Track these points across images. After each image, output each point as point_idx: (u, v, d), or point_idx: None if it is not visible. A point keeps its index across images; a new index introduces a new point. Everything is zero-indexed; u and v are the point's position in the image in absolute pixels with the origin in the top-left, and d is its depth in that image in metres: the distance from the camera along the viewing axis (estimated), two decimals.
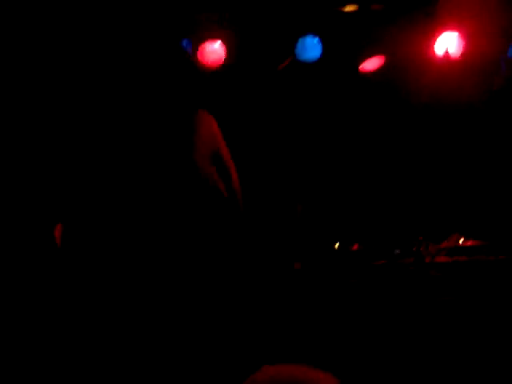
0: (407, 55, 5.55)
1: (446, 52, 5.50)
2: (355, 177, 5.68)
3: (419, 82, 5.54)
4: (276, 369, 1.32)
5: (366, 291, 5.27)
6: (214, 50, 5.60)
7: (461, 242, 5.33)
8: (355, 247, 5.42)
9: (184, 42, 5.54)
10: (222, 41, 5.55)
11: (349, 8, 5.59)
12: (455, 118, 5.66)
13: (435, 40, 5.52)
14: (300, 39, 5.57)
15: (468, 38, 5.44)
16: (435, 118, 5.66)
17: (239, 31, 5.59)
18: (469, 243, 5.27)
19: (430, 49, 5.55)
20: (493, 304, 4.94)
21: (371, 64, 5.65)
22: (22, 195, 4.90)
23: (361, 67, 5.64)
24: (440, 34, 5.50)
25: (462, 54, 5.47)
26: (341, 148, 5.71)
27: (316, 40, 5.57)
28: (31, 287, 4.71)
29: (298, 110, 5.80)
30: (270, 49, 5.60)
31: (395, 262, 5.23)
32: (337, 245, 5.46)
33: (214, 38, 5.56)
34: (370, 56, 5.61)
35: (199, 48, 5.56)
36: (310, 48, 5.59)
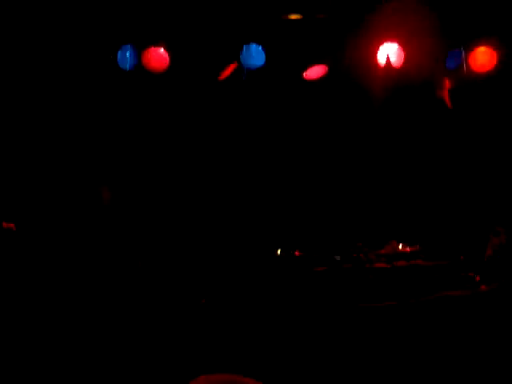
0: (350, 64, 5.62)
1: (388, 61, 5.59)
2: (296, 183, 5.74)
3: (363, 90, 5.62)
4: (213, 377, 1.34)
5: (308, 297, 5.32)
6: (159, 55, 5.60)
7: (400, 247, 5.43)
8: (297, 253, 5.47)
9: (127, 48, 5.53)
10: (166, 46, 5.56)
11: (293, 16, 5.65)
12: (397, 127, 5.77)
13: (377, 49, 5.61)
14: (245, 46, 5.60)
15: (407, 49, 5.54)
16: (376, 126, 5.76)
17: (184, 37, 5.61)
18: (407, 249, 5.37)
19: (373, 58, 5.64)
20: (432, 307, 5.03)
21: (315, 72, 5.72)
22: None
23: (305, 75, 5.69)
24: (381, 43, 5.59)
25: (403, 64, 5.56)
26: (285, 155, 5.76)
27: (260, 47, 5.62)
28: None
29: (241, 116, 5.84)
30: (214, 55, 5.62)
31: (336, 267, 5.28)
32: (279, 251, 5.50)
33: (159, 43, 5.56)
34: (314, 64, 5.67)
35: (143, 53, 5.55)
36: (255, 55, 5.64)
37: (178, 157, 5.63)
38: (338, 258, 5.33)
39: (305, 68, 5.70)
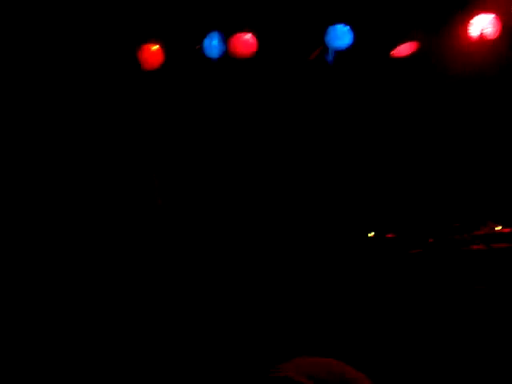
0: (441, 40, 5.43)
1: (481, 34, 5.37)
2: (390, 164, 5.64)
3: (454, 67, 5.43)
4: (310, 360, 1.32)
5: (402, 280, 5.27)
6: (246, 41, 5.62)
7: (497, 229, 5.25)
8: (389, 235, 5.41)
9: (215, 34, 5.57)
10: (252, 32, 5.56)
11: None
12: (490, 103, 5.55)
13: (469, 22, 5.39)
14: (330, 27, 5.53)
15: (503, 19, 5.29)
16: (469, 105, 5.56)
17: (269, 22, 5.59)
18: (505, 230, 5.19)
19: (465, 31, 5.43)
20: None
21: (404, 49, 5.57)
22: None
23: (393, 53, 5.56)
24: (475, 15, 5.37)
25: (498, 36, 5.33)
26: (374, 134, 5.67)
27: (347, 28, 5.53)
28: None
29: (332, 98, 5.79)
30: (300, 38, 5.58)
31: (430, 250, 5.20)
32: (372, 233, 5.45)
33: (245, 29, 5.57)
34: (403, 42, 5.52)
35: (231, 39, 5.59)
36: (341, 36, 5.55)
37: (267, 137, 5.66)
38: (431, 239, 5.23)
39: (394, 47, 5.54)
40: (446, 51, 5.47)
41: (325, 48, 5.60)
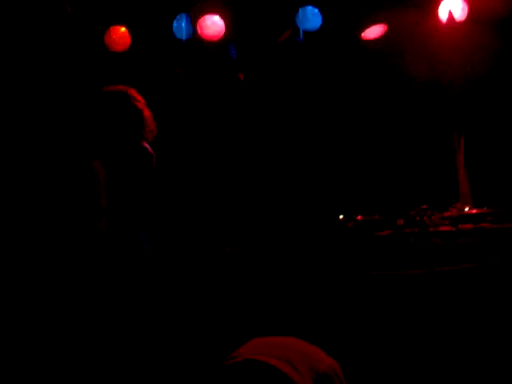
0: (409, 21, 5.45)
1: (450, 16, 5.39)
2: (359, 147, 5.65)
3: (422, 49, 5.45)
4: (269, 340, 1.30)
5: (371, 262, 5.27)
6: (214, 23, 5.60)
7: (466, 209, 5.27)
8: (359, 218, 5.40)
9: (183, 16, 5.54)
10: (221, 14, 5.54)
11: None
12: (459, 86, 5.57)
13: (439, 4, 5.42)
14: (300, 9, 5.52)
15: (471, 3, 5.32)
16: (436, 87, 5.58)
17: (238, 3, 5.58)
18: (473, 211, 5.21)
19: (434, 14, 5.45)
20: (498, 273, 4.89)
21: (373, 32, 5.58)
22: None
23: (362, 35, 5.57)
24: None
25: (466, 18, 5.35)
26: (344, 118, 5.67)
27: (316, 10, 5.53)
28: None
29: (300, 81, 5.77)
30: (269, 20, 5.56)
31: (399, 231, 5.20)
32: (341, 216, 5.45)
33: (213, 11, 5.55)
34: (372, 24, 5.53)
35: (198, 21, 5.56)
36: (311, 17, 5.55)
37: (240, 124, 5.63)
38: (400, 221, 5.23)
39: (363, 28, 5.55)
40: (415, 33, 5.48)
41: (295, 29, 5.58)
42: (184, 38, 5.59)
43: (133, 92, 3.91)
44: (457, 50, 5.44)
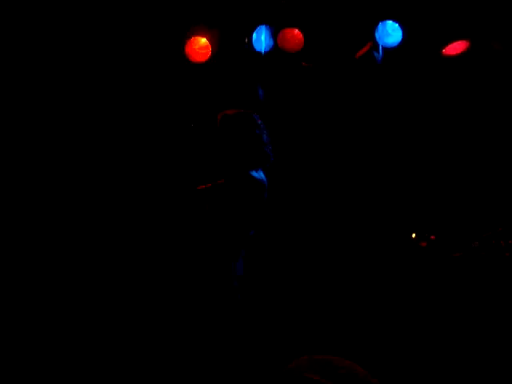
0: (493, 38, 5.34)
1: None
2: (437, 164, 5.58)
3: (504, 66, 5.33)
4: (321, 358, 1.32)
5: (443, 283, 5.22)
6: (293, 36, 5.64)
7: None
8: (432, 237, 5.34)
9: (263, 29, 5.60)
10: (300, 27, 5.58)
11: None
12: None
13: None
14: (380, 24, 5.49)
15: None
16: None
17: (318, 17, 5.60)
18: None
19: None
20: None
21: (455, 48, 5.49)
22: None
23: (444, 51, 5.49)
24: None
25: None
26: (422, 133, 5.61)
27: (396, 25, 5.48)
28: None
29: (378, 96, 5.75)
30: (348, 34, 5.56)
31: (473, 254, 5.11)
32: (414, 235, 5.40)
33: (293, 24, 5.58)
34: (454, 40, 5.45)
35: (279, 34, 5.61)
36: (391, 32, 5.51)
37: (310, 133, 5.68)
38: (476, 243, 5.14)
39: (445, 44, 5.47)
40: (498, 51, 5.36)
41: (374, 45, 5.55)
42: (263, 50, 5.65)
43: (254, 117, 3.80)
44: None
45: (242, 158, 3.72)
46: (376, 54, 5.53)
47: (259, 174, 3.74)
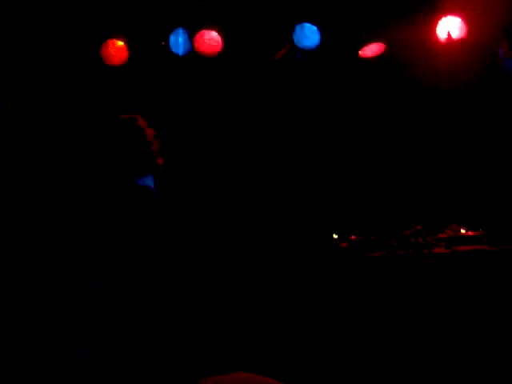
0: (408, 40, 5.44)
1: (449, 36, 5.38)
2: (353, 166, 5.62)
3: (421, 67, 5.43)
4: (227, 378, 1.29)
5: (364, 283, 5.22)
6: (211, 38, 5.60)
7: (462, 232, 5.22)
8: (353, 238, 5.36)
9: (180, 31, 5.55)
10: (218, 29, 5.55)
11: None
12: (456, 104, 5.55)
13: (437, 24, 5.41)
14: (297, 26, 5.52)
15: (469, 22, 5.31)
16: (435, 105, 5.56)
17: (236, 19, 5.59)
18: (469, 233, 5.16)
19: (432, 33, 5.44)
20: (492, 295, 4.83)
21: (371, 50, 5.57)
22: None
23: (361, 53, 5.56)
24: (441, 18, 5.39)
25: (463, 38, 5.35)
26: (340, 137, 5.65)
27: (314, 27, 5.52)
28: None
29: (297, 98, 5.76)
30: (267, 37, 5.57)
31: (393, 252, 5.15)
32: (335, 235, 5.40)
33: (211, 26, 5.55)
34: (370, 42, 5.53)
35: (196, 36, 5.56)
36: (309, 35, 5.55)
37: (233, 140, 5.63)
38: (394, 242, 5.18)
39: (361, 46, 5.54)
40: (414, 52, 5.47)
41: (292, 47, 5.57)
42: (181, 53, 5.59)
43: (142, 122, 3.77)
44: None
45: (122, 165, 3.71)
46: (295, 56, 5.56)
47: (144, 181, 3.72)
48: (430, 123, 5.62)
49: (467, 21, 5.35)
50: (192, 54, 5.65)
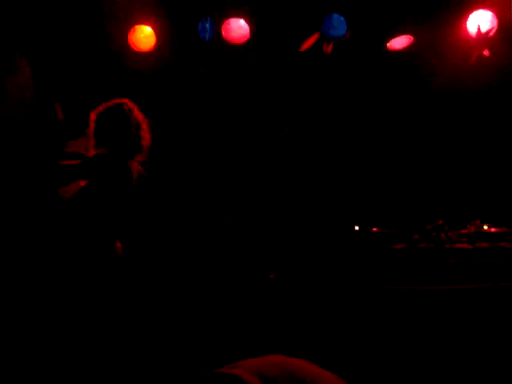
0: (437, 34, 5.41)
1: (479, 30, 5.33)
2: (378, 158, 5.61)
3: (448, 62, 5.40)
4: (263, 359, 1.28)
5: (384, 276, 5.22)
6: (239, 27, 5.61)
7: (485, 228, 5.19)
8: (374, 230, 5.35)
9: (208, 18, 5.56)
10: (246, 18, 5.55)
11: None
12: (482, 100, 5.50)
13: (467, 18, 5.36)
14: (326, 16, 5.51)
15: (500, 17, 5.26)
16: (460, 100, 5.52)
17: (264, 8, 5.58)
18: (492, 230, 5.13)
19: (462, 27, 5.40)
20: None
21: (399, 43, 5.55)
22: None
23: (388, 45, 5.53)
24: (472, 12, 5.34)
25: (495, 33, 5.29)
26: (365, 128, 5.64)
27: (342, 18, 5.51)
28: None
29: (322, 89, 5.76)
30: (295, 26, 5.56)
31: (414, 246, 5.14)
32: (356, 227, 5.41)
33: (239, 14, 5.56)
34: (399, 35, 5.50)
35: (223, 24, 5.57)
36: (337, 25, 5.53)
37: (255, 128, 5.64)
38: (416, 236, 5.17)
39: (389, 38, 5.52)
40: (442, 46, 5.43)
41: (321, 37, 5.57)
42: (207, 39, 5.61)
43: (130, 106, 3.86)
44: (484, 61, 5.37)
45: (107, 148, 3.81)
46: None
47: (126, 165, 3.80)
48: (456, 118, 5.59)
49: (498, 15, 5.29)
50: (218, 40, 5.67)
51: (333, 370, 1.27)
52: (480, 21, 5.37)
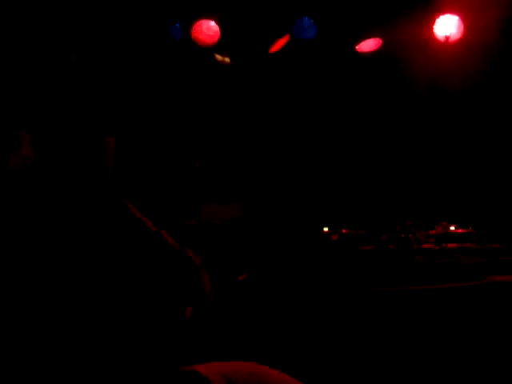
0: (405, 37, 5.47)
1: (446, 35, 5.42)
2: (347, 161, 5.65)
3: (417, 65, 5.47)
4: (228, 366, 1.28)
5: (352, 277, 5.25)
6: (209, 28, 5.61)
7: (452, 228, 5.27)
8: (344, 231, 5.40)
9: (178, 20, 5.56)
10: (216, 19, 5.56)
11: None
12: (450, 103, 5.59)
13: (434, 23, 5.44)
14: (297, 19, 5.56)
15: (467, 22, 5.34)
16: (430, 103, 5.60)
17: (235, 10, 5.60)
18: (458, 231, 5.21)
19: (430, 31, 5.48)
20: (480, 293, 4.87)
21: (368, 45, 5.61)
22: None
23: (357, 48, 5.59)
24: (439, 16, 5.42)
25: (461, 38, 5.38)
26: (334, 131, 5.68)
27: (312, 21, 5.56)
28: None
29: (291, 91, 5.79)
30: (266, 28, 5.59)
31: (382, 247, 5.18)
32: (326, 229, 5.44)
33: (209, 16, 5.56)
34: (368, 37, 5.56)
35: (194, 26, 5.57)
36: (307, 28, 5.58)
37: (222, 131, 5.64)
38: (385, 237, 5.22)
39: (358, 41, 5.58)
40: (410, 49, 5.51)
41: (290, 39, 5.61)
42: (177, 38, 5.61)
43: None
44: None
45: None
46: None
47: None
48: (425, 121, 5.67)
49: (465, 19, 5.38)
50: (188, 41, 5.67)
51: (302, 374, 1.28)
52: (447, 25, 5.46)
